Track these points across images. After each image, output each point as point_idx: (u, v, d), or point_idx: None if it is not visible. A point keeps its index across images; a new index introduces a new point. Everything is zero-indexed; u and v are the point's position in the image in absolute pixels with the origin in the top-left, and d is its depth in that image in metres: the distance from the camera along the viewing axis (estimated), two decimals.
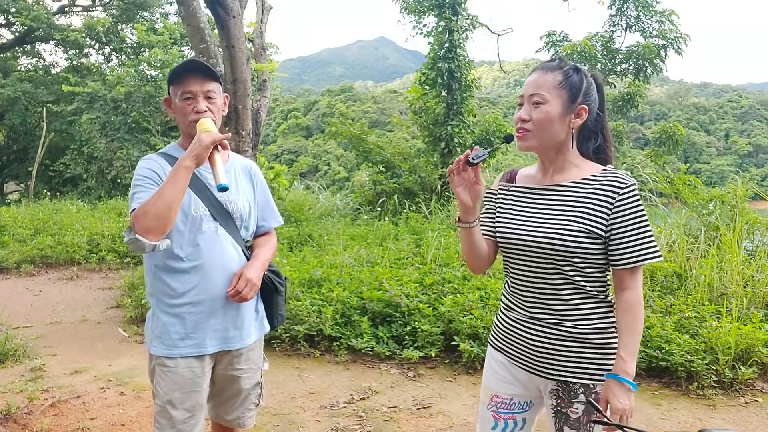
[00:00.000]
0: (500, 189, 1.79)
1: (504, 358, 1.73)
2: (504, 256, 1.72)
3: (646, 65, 9.44)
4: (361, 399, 3.68)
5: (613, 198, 1.53)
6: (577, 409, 1.58)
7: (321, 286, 5.02)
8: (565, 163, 1.63)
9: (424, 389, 3.82)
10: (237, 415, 2.12)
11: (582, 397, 1.57)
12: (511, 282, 1.71)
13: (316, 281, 5.18)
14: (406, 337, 4.35)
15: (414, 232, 7.32)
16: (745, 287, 4.69)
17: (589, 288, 1.57)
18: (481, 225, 1.76)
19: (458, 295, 4.55)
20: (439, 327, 4.28)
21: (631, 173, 8.16)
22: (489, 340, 1.82)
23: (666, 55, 9.45)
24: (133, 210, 1.76)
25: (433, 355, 4.21)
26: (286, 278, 2.20)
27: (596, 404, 1.51)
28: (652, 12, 9.54)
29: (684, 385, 3.75)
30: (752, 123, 70.47)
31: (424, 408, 3.53)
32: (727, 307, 4.21)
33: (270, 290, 2.10)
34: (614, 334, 1.57)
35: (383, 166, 11.62)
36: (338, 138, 13.07)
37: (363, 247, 6.65)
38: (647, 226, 1.52)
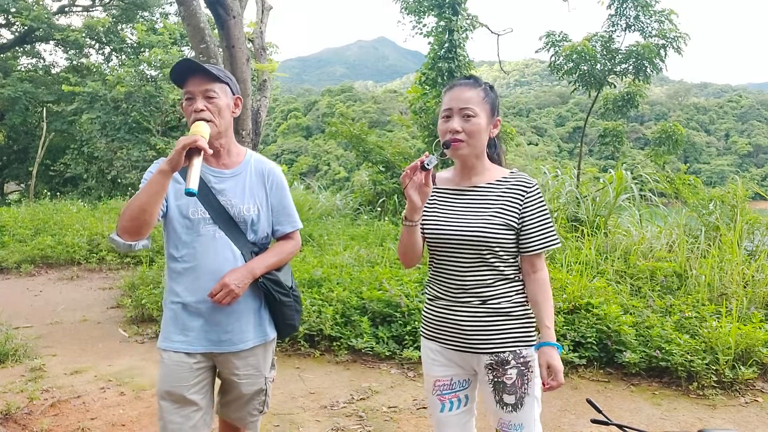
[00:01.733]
0: None
1: (437, 346, 1.91)
2: (431, 250, 1.91)
3: (646, 65, 9.40)
4: (361, 399, 3.68)
5: (523, 196, 1.82)
6: (511, 374, 1.79)
7: (321, 286, 5.03)
8: (481, 167, 1.88)
9: (423, 389, 3.81)
10: (239, 416, 2.13)
11: (513, 362, 1.79)
12: (436, 274, 1.90)
13: (316, 281, 5.18)
14: (406, 337, 4.35)
15: None
16: (745, 287, 4.69)
17: (507, 272, 1.83)
18: None
19: None
20: None
21: (631, 173, 8.17)
22: (421, 333, 2.00)
23: (666, 54, 9.41)
24: None
25: None
26: (291, 288, 2.09)
27: (596, 405, 1.52)
28: (652, 12, 9.51)
29: (684, 385, 3.76)
30: (752, 123, 70.47)
31: (424, 408, 3.52)
32: (727, 307, 4.22)
33: (271, 300, 2.03)
34: (528, 306, 1.84)
35: (383, 166, 11.62)
36: (338, 138, 13.08)
37: (363, 247, 6.66)
38: (550, 218, 1.84)
